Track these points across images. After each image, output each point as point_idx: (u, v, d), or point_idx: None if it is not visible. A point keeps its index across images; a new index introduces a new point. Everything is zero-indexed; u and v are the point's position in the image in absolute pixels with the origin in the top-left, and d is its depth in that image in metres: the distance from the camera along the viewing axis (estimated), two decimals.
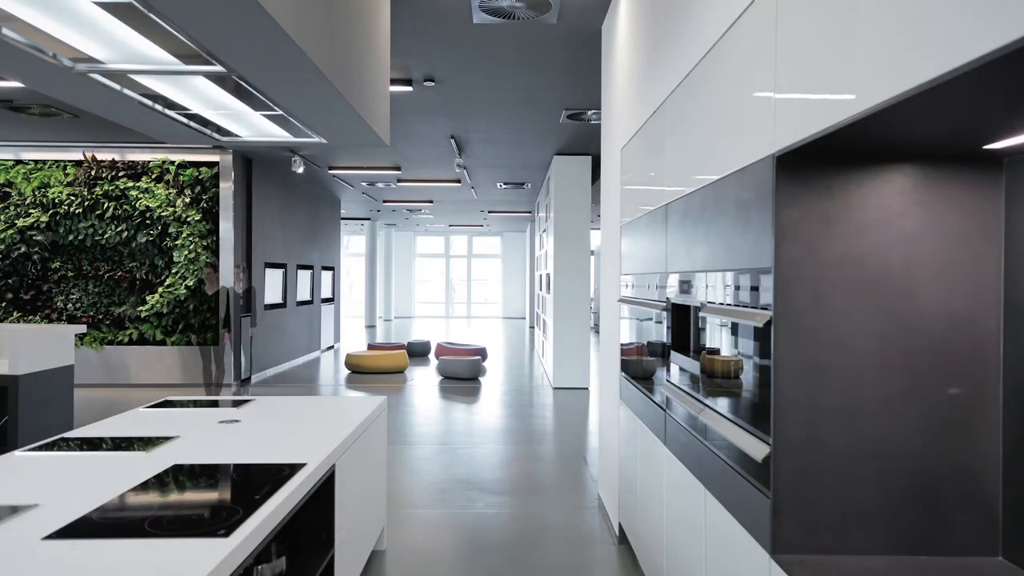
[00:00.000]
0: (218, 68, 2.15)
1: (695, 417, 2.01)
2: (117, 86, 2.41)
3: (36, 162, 8.40)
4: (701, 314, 1.94)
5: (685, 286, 2.22)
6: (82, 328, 5.27)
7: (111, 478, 1.95)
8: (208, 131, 3.17)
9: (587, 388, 8.80)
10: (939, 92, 0.98)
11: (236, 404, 3.13)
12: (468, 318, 24.04)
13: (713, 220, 1.88)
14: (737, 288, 1.68)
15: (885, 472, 1.45)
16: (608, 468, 3.91)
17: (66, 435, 2.52)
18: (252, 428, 2.65)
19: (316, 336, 12.32)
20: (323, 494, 2.36)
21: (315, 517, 2.35)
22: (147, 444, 2.36)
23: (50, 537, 1.48)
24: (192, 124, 2.99)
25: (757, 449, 1.51)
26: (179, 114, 2.77)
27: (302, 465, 2.12)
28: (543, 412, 7.29)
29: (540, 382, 9.37)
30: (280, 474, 2.02)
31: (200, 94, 2.49)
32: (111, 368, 8.45)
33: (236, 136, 3.26)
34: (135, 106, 2.64)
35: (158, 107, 2.67)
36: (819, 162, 1.46)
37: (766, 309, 1.50)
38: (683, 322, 2.37)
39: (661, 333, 2.55)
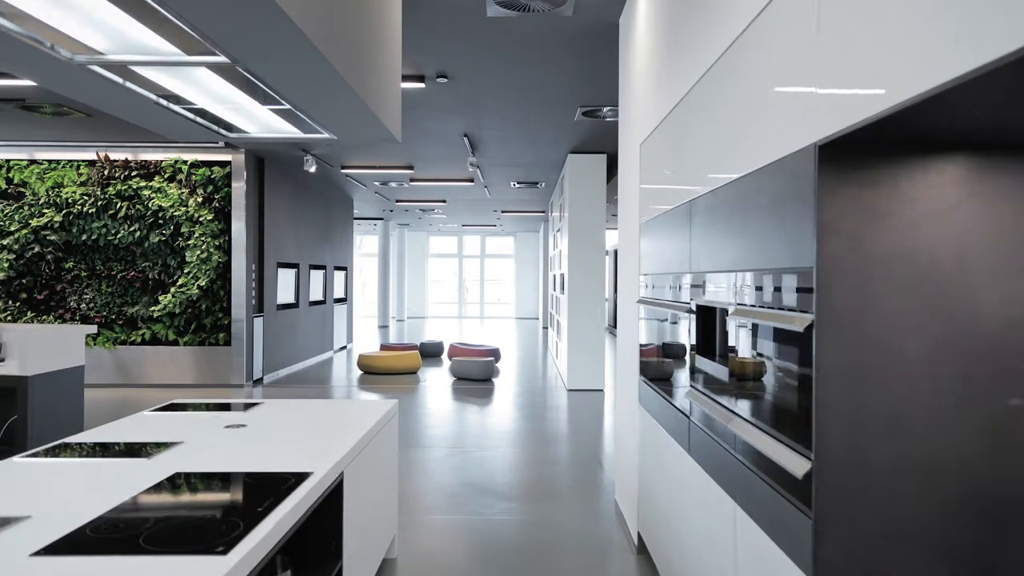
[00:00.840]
0: (221, 59, 2.06)
1: (724, 426, 1.89)
2: (120, 79, 2.33)
3: (50, 162, 8.41)
4: (731, 317, 1.82)
5: (712, 287, 2.10)
6: (92, 328, 5.23)
7: (109, 487, 1.86)
8: (216, 127, 3.08)
9: (602, 390, 8.67)
10: (1000, 75, 0.86)
11: (244, 408, 3.04)
12: (481, 318, 23.97)
13: (745, 216, 1.77)
14: (775, 290, 1.56)
15: (938, 489, 1.33)
16: (625, 474, 3.79)
17: (68, 440, 2.44)
18: (258, 433, 2.56)
19: (329, 336, 12.28)
20: (331, 502, 2.26)
21: (323, 527, 2.25)
22: (150, 450, 2.28)
23: (39, 553, 1.39)
24: (199, 120, 2.91)
25: (797, 464, 1.39)
26: (185, 109, 2.68)
27: (308, 474, 2.02)
28: (557, 415, 7.18)
29: (554, 383, 9.25)
30: (285, 484, 1.93)
31: (205, 88, 2.40)
32: (124, 368, 8.44)
33: (244, 132, 3.18)
34: (140, 101, 2.56)
35: (163, 102, 2.59)
36: (865, 152, 1.34)
37: (806, 312, 1.38)
38: (708, 325, 2.25)
39: (684, 336, 2.43)
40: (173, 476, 1.99)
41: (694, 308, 2.30)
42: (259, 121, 3.02)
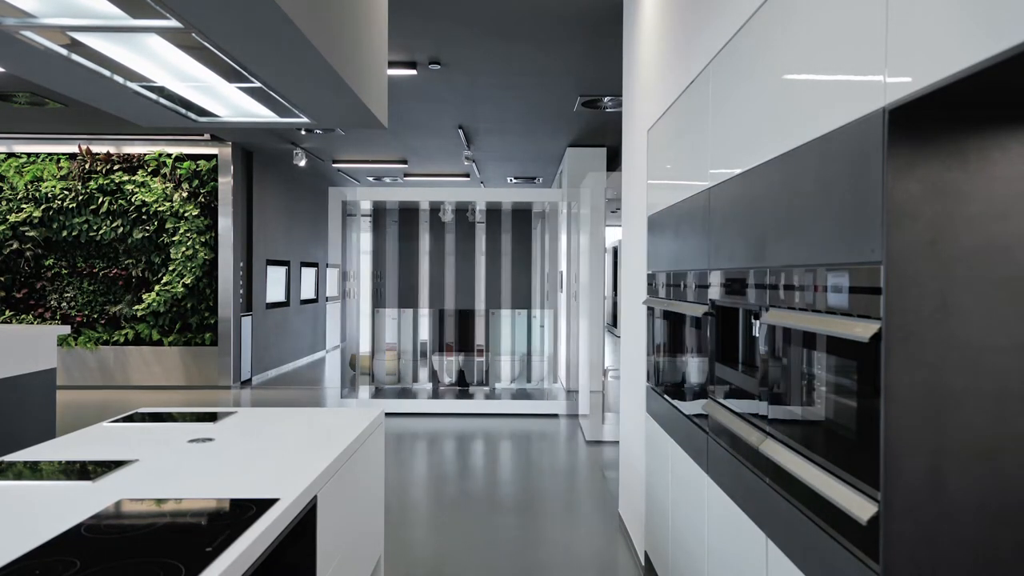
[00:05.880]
0: (173, 23, 1.78)
1: (752, 448, 1.63)
2: (62, 50, 2.05)
3: (28, 155, 8.10)
4: (763, 321, 1.55)
5: (735, 286, 1.84)
6: (65, 329, 4.95)
7: (38, 519, 1.59)
8: (183, 111, 2.81)
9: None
10: None
11: (214, 418, 2.77)
12: None
13: (782, 203, 1.50)
14: (821, 289, 1.29)
15: None
16: (631, 487, 3.53)
17: (8, 457, 2.17)
18: (225, 449, 2.29)
19: (321, 335, 11.99)
20: (303, 530, 2.00)
21: (294, 558, 1.99)
22: (97, 470, 2.01)
23: None
24: (163, 101, 2.63)
25: (858, 506, 1.12)
26: (143, 87, 2.41)
27: (273, 501, 1.75)
28: (555, 417, 6.91)
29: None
30: (245, 515, 1.66)
31: (161, 60, 2.13)
32: (107, 369, 8.15)
33: (215, 116, 2.89)
34: (91, 77, 2.28)
35: (118, 78, 2.31)
36: (948, 118, 1.07)
37: (869, 318, 1.12)
38: (729, 328, 1.99)
39: (701, 341, 2.17)
40: (116, 504, 1.72)
41: (712, 310, 2.04)
42: (229, 103, 2.74)
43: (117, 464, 2.07)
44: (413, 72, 5.28)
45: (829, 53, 1.31)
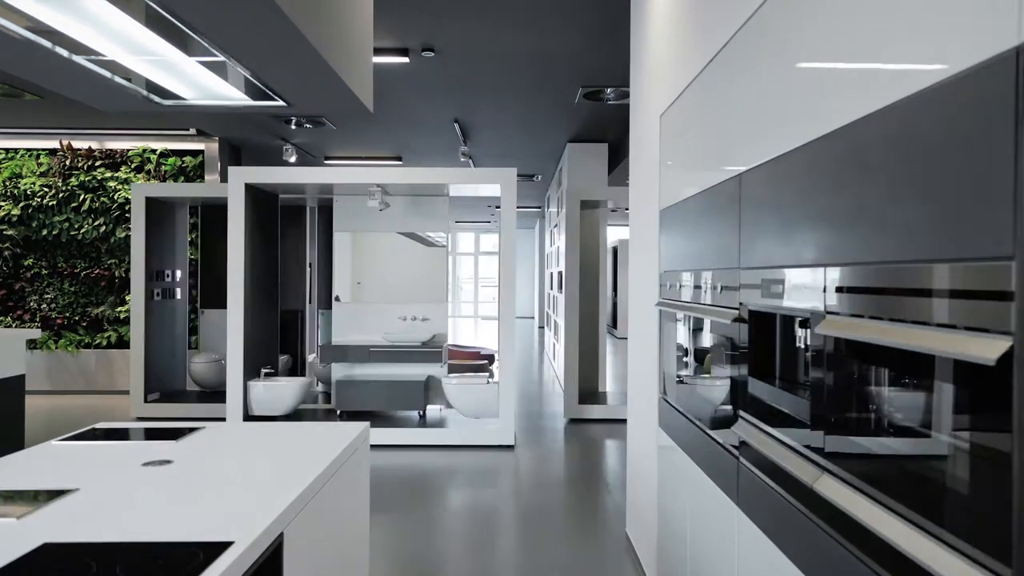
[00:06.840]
0: None
1: (806, 486, 1.34)
2: None
3: (6, 151, 7.79)
4: (819, 331, 1.26)
5: (774, 287, 1.55)
6: (35, 332, 4.65)
7: None
8: (143, 91, 2.52)
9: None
10: None
11: (176, 435, 2.48)
12: (475, 318, 23.42)
13: (848, 184, 1.21)
14: (913, 293, 1.00)
15: None
16: (640, 506, 3.24)
17: None
18: (182, 475, 2.00)
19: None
20: (269, 572, 1.71)
21: None
22: (28, 503, 1.72)
23: None
24: (118, 79, 2.34)
25: None
26: (90, 61, 2.11)
27: (227, 545, 1.46)
28: (555, 423, 6.63)
29: (551, 388, 8.71)
30: (190, 563, 1.37)
31: (101, 24, 1.84)
32: (89, 373, 7.84)
33: (180, 99, 2.61)
34: (28, 50, 1.99)
35: (59, 50, 2.02)
36: None
37: (991, 332, 0.83)
38: (765, 337, 1.71)
39: (729, 350, 1.88)
40: (36, 551, 1.42)
41: (745, 315, 1.75)
42: (195, 83, 2.45)
43: (53, 495, 1.78)
44: (405, 59, 4.99)
45: None
